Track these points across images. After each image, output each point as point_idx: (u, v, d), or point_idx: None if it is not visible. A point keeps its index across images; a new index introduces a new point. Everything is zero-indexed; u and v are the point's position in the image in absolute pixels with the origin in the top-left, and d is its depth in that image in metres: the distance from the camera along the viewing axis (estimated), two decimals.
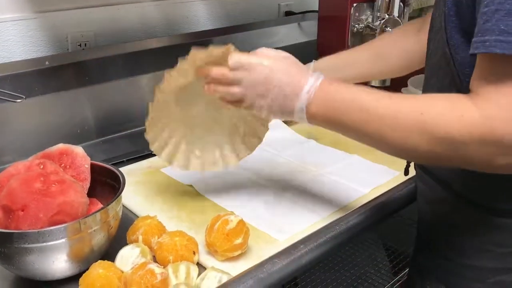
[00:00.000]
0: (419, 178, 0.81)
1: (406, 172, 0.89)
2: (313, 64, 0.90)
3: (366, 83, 1.17)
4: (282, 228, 0.79)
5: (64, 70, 1.09)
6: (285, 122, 1.14)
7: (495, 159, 0.57)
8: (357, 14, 1.14)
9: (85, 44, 1.18)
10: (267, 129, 0.85)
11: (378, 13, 1.10)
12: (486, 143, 0.56)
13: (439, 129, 0.58)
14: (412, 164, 0.87)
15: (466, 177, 0.69)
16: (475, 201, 0.69)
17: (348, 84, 0.67)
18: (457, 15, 0.63)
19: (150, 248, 0.72)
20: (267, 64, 0.69)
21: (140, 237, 0.73)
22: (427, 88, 0.74)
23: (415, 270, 0.85)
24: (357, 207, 0.83)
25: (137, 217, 0.83)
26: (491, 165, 0.58)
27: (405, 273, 1.18)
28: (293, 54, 1.48)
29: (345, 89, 0.66)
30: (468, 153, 0.58)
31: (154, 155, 1.04)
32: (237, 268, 0.69)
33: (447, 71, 0.66)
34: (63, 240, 0.64)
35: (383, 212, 0.85)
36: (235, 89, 0.70)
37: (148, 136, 0.81)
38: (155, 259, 0.70)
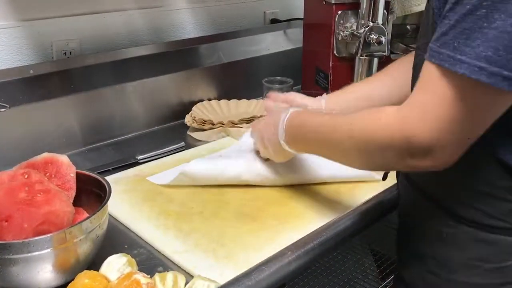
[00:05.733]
0: (403, 190, 0.82)
1: (385, 178, 0.89)
2: (324, 100, 0.94)
3: None
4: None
5: (49, 79, 1.08)
6: None
7: (407, 162, 0.61)
8: (341, 21, 1.15)
9: (70, 52, 1.17)
10: None
11: (363, 21, 1.12)
12: (398, 143, 0.61)
13: (362, 134, 0.65)
14: (392, 172, 0.88)
15: (455, 193, 0.69)
16: (463, 216, 0.69)
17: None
18: None
19: None
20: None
21: None
22: None
23: (400, 283, 0.84)
24: (344, 213, 0.83)
25: (124, 226, 0.83)
26: (406, 166, 0.63)
27: (392, 278, 1.19)
28: (279, 61, 1.49)
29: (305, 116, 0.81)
30: (390, 155, 0.63)
31: (141, 163, 1.04)
32: (224, 276, 0.69)
33: None
34: (48, 250, 0.63)
35: (370, 217, 0.85)
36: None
37: None
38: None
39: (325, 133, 0.74)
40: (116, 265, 0.68)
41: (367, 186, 0.93)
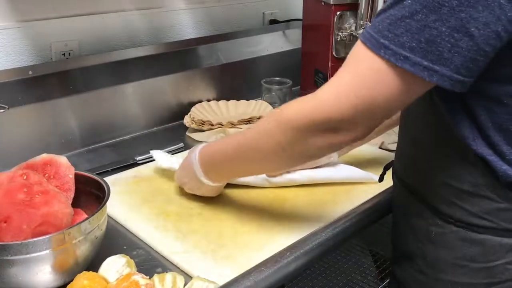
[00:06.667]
0: (396, 189, 0.82)
1: (381, 179, 0.89)
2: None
3: None
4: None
5: (48, 80, 1.08)
6: None
7: (323, 138, 0.63)
8: (340, 22, 1.15)
9: (69, 53, 1.17)
10: None
11: (361, 21, 1.12)
12: (317, 126, 0.62)
13: (280, 124, 0.66)
14: (388, 173, 0.88)
15: (441, 192, 0.70)
16: (450, 215, 0.69)
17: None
18: None
19: None
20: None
21: None
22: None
23: (394, 282, 0.85)
24: (342, 213, 0.83)
25: (123, 226, 0.83)
26: (323, 144, 0.63)
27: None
28: (278, 62, 1.50)
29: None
30: (309, 141, 0.64)
31: (140, 164, 1.04)
32: (223, 276, 0.69)
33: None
34: (47, 251, 0.63)
35: (368, 218, 0.85)
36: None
37: None
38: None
39: (241, 144, 0.73)
40: (115, 266, 0.68)
41: (365, 187, 0.93)
